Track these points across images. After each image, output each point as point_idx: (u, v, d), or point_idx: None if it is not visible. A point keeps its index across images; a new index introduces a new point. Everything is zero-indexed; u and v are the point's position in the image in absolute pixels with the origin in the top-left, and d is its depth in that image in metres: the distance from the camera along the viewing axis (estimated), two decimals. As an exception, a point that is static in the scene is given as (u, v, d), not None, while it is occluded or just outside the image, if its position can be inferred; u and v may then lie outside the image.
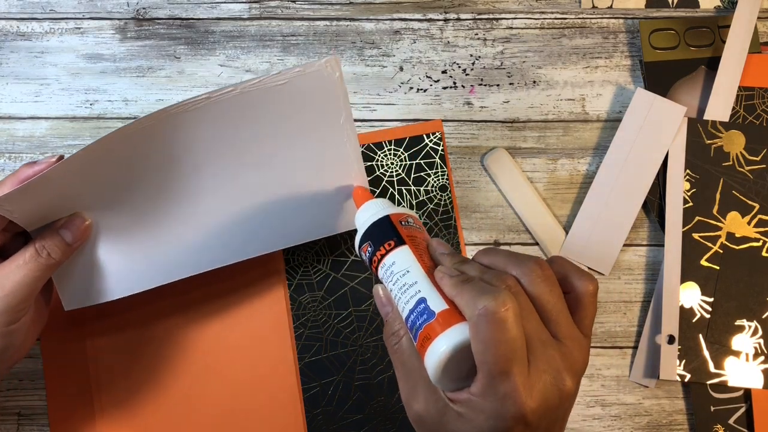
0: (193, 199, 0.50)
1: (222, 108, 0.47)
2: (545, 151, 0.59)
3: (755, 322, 0.55)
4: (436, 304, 0.38)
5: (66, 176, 0.45)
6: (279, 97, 0.48)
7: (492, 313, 0.35)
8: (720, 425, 0.55)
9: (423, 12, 0.60)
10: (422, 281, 0.40)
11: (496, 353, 0.35)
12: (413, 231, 0.43)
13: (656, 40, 0.59)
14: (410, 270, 0.41)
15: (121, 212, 0.49)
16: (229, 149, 0.49)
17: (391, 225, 0.43)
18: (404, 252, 0.42)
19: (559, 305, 0.38)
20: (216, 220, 0.51)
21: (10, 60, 0.60)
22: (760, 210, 0.56)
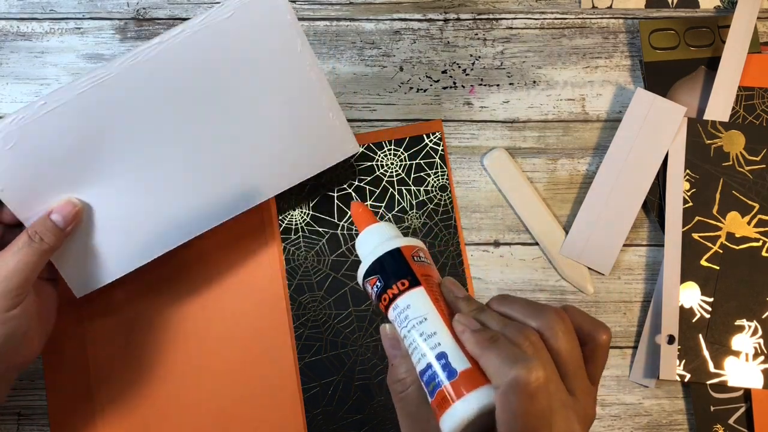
0: (170, 158, 0.49)
1: (176, 53, 0.47)
2: (545, 151, 0.59)
3: (755, 322, 0.55)
4: (458, 362, 0.36)
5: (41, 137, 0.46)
6: (229, 33, 0.47)
7: (524, 384, 0.34)
8: (720, 425, 0.55)
9: (423, 12, 0.60)
10: (442, 333, 0.37)
11: (525, 425, 0.34)
12: (426, 268, 0.40)
13: (656, 40, 0.59)
14: (428, 318, 0.37)
15: (107, 186, 0.49)
16: (193, 97, 0.49)
17: (405, 261, 0.39)
18: (420, 295, 0.38)
19: (579, 360, 0.37)
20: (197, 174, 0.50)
21: (10, 60, 0.60)
22: (760, 210, 0.56)
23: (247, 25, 0.47)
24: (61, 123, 0.46)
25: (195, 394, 0.55)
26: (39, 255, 0.46)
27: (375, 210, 0.57)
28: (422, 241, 0.43)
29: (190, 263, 0.56)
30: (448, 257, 0.57)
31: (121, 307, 0.55)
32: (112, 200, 0.49)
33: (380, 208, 0.57)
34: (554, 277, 0.57)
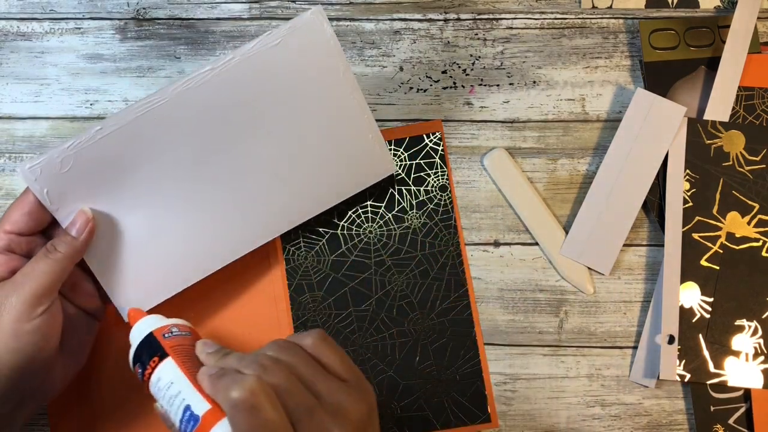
0: (216, 181, 0.50)
1: (227, 79, 0.48)
2: (545, 151, 0.59)
3: (755, 322, 0.55)
4: (200, 408, 0.40)
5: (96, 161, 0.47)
6: (277, 59, 0.49)
7: (242, 402, 0.37)
8: (720, 425, 0.55)
9: (423, 12, 0.60)
10: (186, 389, 0.41)
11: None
12: (179, 339, 0.45)
13: (656, 40, 0.59)
14: (174, 381, 0.42)
15: (157, 209, 0.50)
16: (240, 122, 0.50)
17: (155, 341, 0.45)
18: (167, 365, 0.43)
19: (311, 367, 0.40)
20: (241, 197, 0.51)
21: (10, 60, 0.60)
22: (760, 210, 0.56)
23: (294, 52, 0.49)
24: (115, 147, 0.47)
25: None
26: (54, 264, 0.46)
27: (375, 209, 0.57)
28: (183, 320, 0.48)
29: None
30: (448, 257, 0.57)
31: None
32: (161, 223, 0.50)
33: (380, 208, 0.57)
34: (554, 277, 0.57)
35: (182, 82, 0.47)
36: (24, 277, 0.45)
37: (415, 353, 0.56)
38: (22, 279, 0.45)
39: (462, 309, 0.57)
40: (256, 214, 0.52)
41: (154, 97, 0.47)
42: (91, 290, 0.51)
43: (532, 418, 0.56)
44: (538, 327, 0.57)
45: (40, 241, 0.49)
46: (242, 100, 0.49)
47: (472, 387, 0.56)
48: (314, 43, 0.49)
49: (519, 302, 0.57)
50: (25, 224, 0.47)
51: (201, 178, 0.50)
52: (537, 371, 0.56)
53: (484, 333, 0.57)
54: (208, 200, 0.51)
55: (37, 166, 0.46)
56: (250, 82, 0.49)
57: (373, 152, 0.54)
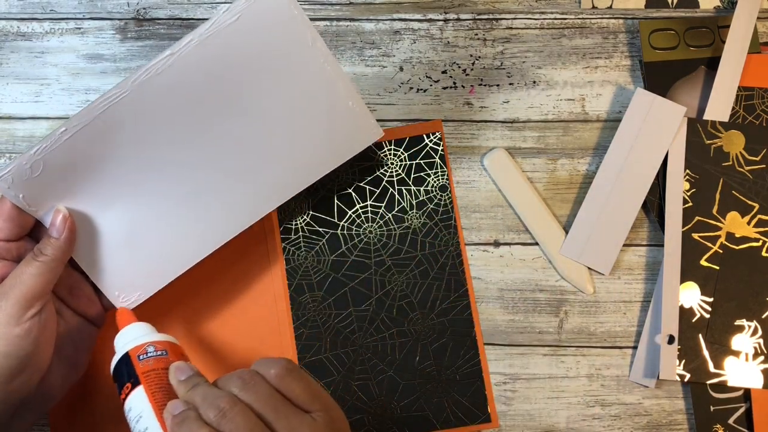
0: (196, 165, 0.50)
1: (188, 63, 0.47)
2: (545, 151, 0.59)
3: (755, 322, 0.55)
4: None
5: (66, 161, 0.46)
6: (238, 36, 0.47)
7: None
8: (720, 425, 0.55)
9: (423, 12, 0.60)
10: (153, 425, 0.42)
11: None
12: (154, 362, 0.44)
13: (656, 40, 0.59)
14: (143, 415, 0.42)
15: (137, 201, 0.49)
16: (211, 104, 0.49)
17: (129, 363, 0.45)
18: (138, 394, 0.43)
19: (271, 404, 0.40)
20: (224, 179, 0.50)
21: (10, 60, 0.60)
22: (760, 210, 0.56)
23: (256, 26, 0.47)
24: (83, 146, 0.47)
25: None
26: (40, 266, 0.45)
27: (375, 209, 0.57)
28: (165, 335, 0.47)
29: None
30: (448, 257, 0.57)
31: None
32: (144, 213, 0.49)
33: (380, 208, 0.57)
34: (554, 277, 0.57)
35: (142, 72, 0.46)
36: (13, 281, 0.45)
37: (415, 353, 0.56)
38: (11, 283, 0.45)
39: (462, 309, 0.57)
40: (241, 195, 0.51)
41: (113, 91, 0.46)
42: (91, 294, 0.51)
43: (532, 418, 0.56)
44: (538, 327, 0.57)
45: (29, 245, 0.48)
46: (209, 81, 0.48)
47: (472, 387, 0.56)
48: (276, 16, 0.47)
49: (519, 302, 0.57)
50: (9, 230, 0.47)
51: (178, 164, 0.49)
52: (537, 371, 0.56)
53: (484, 333, 0.57)
54: (190, 185, 0.50)
55: (7, 175, 0.45)
56: (214, 62, 0.47)
57: (356, 118, 0.52)
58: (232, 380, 0.41)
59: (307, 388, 0.42)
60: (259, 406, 0.40)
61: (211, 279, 0.56)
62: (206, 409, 0.40)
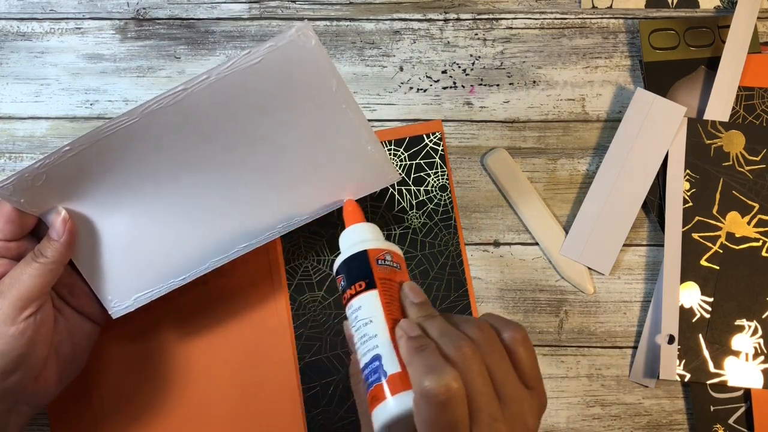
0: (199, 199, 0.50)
1: (200, 98, 0.46)
2: (545, 151, 0.59)
3: (755, 322, 0.55)
4: (390, 365, 0.39)
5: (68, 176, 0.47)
6: (258, 77, 0.47)
7: (433, 395, 0.35)
8: (720, 425, 0.55)
9: (423, 12, 0.60)
10: (382, 336, 0.40)
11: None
12: (389, 272, 0.43)
13: (656, 40, 0.59)
14: (373, 320, 0.40)
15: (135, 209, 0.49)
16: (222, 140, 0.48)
17: (367, 263, 0.43)
18: (372, 298, 0.41)
19: (503, 366, 0.38)
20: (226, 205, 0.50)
21: (10, 60, 0.60)
22: (760, 210, 0.56)
23: (277, 69, 0.47)
24: (86, 163, 0.47)
25: (194, 393, 0.55)
26: (38, 267, 0.46)
27: (375, 209, 0.57)
28: (398, 246, 0.45)
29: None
30: (448, 257, 0.57)
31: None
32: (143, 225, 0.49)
33: (380, 208, 0.57)
34: (554, 277, 0.57)
35: (153, 101, 0.46)
36: (11, 281, 0.45)
37: (415, 353, 0.56)
38: (9, 282, 0.45)
39: (462, 309, 0.57)
40: (243, 220, 0.51)
41: (122, 117, 0.46)
42: (91, 293, 0.51)
43: (532, 418, 0.56)
44: (538, 327, 0.57)
45: (30, 244, 0.48)
46: (223, 115, 0.48)
47: (472, 387, 0.56)
48: (300, 60, 0.47)
49: (519, 302, 0.57)
50: (10, 231, 0.47)
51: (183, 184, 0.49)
52: (537, 371, 0.56)
53: (484, 333, 0.57)
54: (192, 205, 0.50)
55: (8, 184, 0.46)
56: (228, 98, 0.47)
57: (374, 163, 0.52)
58: (468, 325, 0.39)
59: (535, 364, 0.40)
60: (492, 364, 0.38)
61: (211, 277, 0.56)
62: (446, 345, 0.38)
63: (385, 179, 0.52)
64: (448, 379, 0.36)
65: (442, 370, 0.36)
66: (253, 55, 0.46)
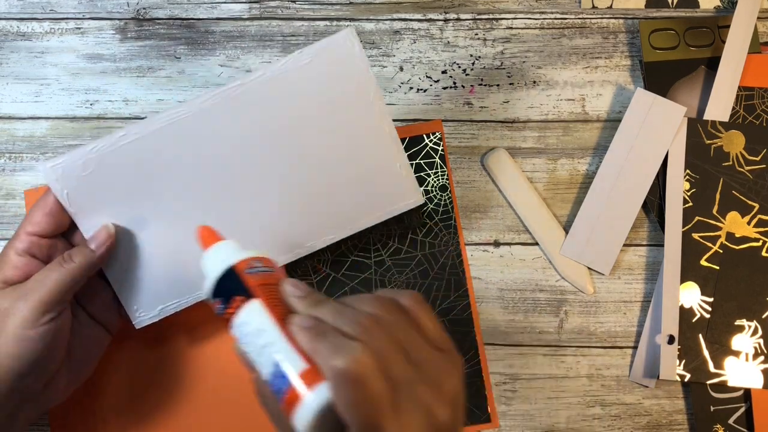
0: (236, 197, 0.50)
1: (254, 95, 0.48)
2: (545, 151, 0.59)
3: (755, 322, 0.55)
4: (295, 364, 0.36)
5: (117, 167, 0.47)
6: (306, 78, 0.48)
7: (347, 373, 0.34)
8: (720, 425, 0.55)
9: (423, 12, 0.60)
10: (278, 341, 0.37)
11: (359, 413, 0.34)
12: (264, 277, 0.40)
13: (656, 40, 0.59)
14: (263, 329, 0.38)
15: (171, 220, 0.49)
16: (265, 139, 0.49)
17: (237, 277, 0.40)
18: (254, 308, 0.39)
19: (410, 332, 0.37)
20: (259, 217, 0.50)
21: (10, 60, 0.60)
22: (760, 210, 0.56)
23: (324, 72, 0.48)
24: (137, 155, 0.47)
25: (194, 393, 0.55)
26: (66, 273, 0.45)
27: (375, 210, 0.57)
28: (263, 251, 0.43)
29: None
30: (448, 257, 0.57)
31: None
32: (174, 234, 0.49)
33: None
34: (554, 277, 0.57)
35: (210, 95, 0.47)
36: (35, 284, 0.45)
37: (415, 353, 0.56)
38: (33, 285, 0.45)
39: (462, 309, 0.57)
40: (275, 234, 0.51)
41: (180, 108, 0.47)
42: (109, 302, 0.51)
43: (532, 418, 0.56)
44: (538, 327, 0.57)
45: (61, 245, 0.48)
46: (268, 117, 0.49)
47: (472, 387, 0.56)
48: (344, 65, 0.48)
49: (519, 302, 0.57)
50: (47, 225, 0.47)
51: (220, 193, 0.50)
52: (537, 371, 0.56)
53: (484, 333, 0.57)
54: (227, 215, 0.50)
55: (59, 166, 0.46)
56: (278, 99, 0.48)
57: (400, 180, 0.52)
58: (362, 302, 0.38)
59: (439, 327, 0.38)
60: (399, 332, 0.37)
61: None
62: (345, 325, 0.36)
63: (408, 200, 0.52)
64: (356, 353, 0.34)
65: (348, 347, 0.35)
66: (304, 55, 0.48)
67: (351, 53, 0.48)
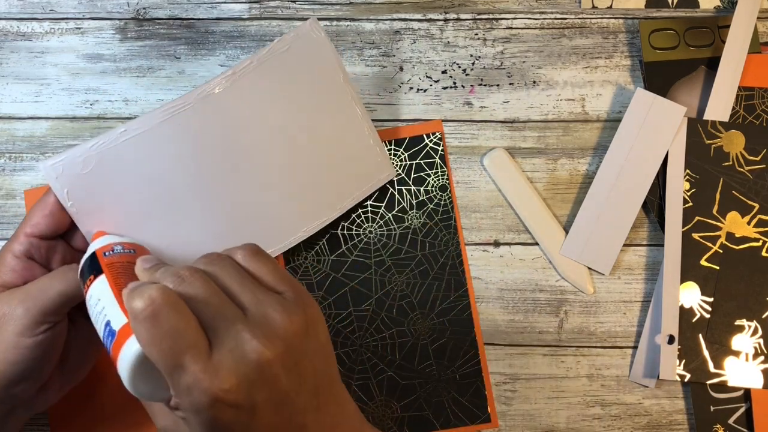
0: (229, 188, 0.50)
1: (242, 85, 0.49)
2: (545, 151, 0.59)
3: (755, 322, 0.55)
4: (117, 322, 0.38)
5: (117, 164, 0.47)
6: (284, 66, 0.50)
7: (141, 311, 0.35)
8: (720, 425, 0.55)
9: (423, 12, 0.60)
10: (109, 305, 0.40)
11: (160, 351, 0.34)
12: (119, 257, 0.43)
13: (656, 40, 0.59)
14: (101, 298, 0.40)
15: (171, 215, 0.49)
16: (253, 129, 0.50)
17: (95, 260, 0.43)
18: (99, 282, 0.41)
19: (238, 278, 0.37)
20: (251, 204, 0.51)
21: (10, 60, 0.60)
22: (760, 210, 0.56)
23: (298, 59, 0.51)
24: (136, 151, 0.47)
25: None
26: (69, 285, 0.44)
27: (375, 209, 0.57)
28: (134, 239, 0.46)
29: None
30: (448, 257, 0.57)
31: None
32: (175, 233, 0.50)
33: (380, 208, 0.57)
34: (554, 277, 0.57)
35: (204, 87, 0.48)
36: (36, 291, 0.44)
37: (415, 353, 0.56)
38: (34, 293, 0.44)
39: (462, 309, 0.57)
40: (266, 225, 0.52)
41: (177, 101, 0.47)
42: None
43: (532, 418, 0.56)
44: (538, 327, 0.57)
45: (60, 247, 0.48)
46: (257, 106, 0.50)
47: (472, 387, 0.56)
48: (314, 52, 0.51)
49: (519, 302, 0.57)
50: (46, 226, 0.46)
51: (216, 188, 0.50)
52: (537, 371, 0.56)
53: (484, 333, 0.57)
54: (225, 208, 0.50)
55: (59, 164, 0.46)
56: (262, 88, 0.50)
57: (374, 158, 0.55)
58: (197, 260, 0.39)
59: (276, 269, 0.39)
60: (224, 279, 0.37)
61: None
62: (165, 278, 0.37)
63: (381, 176, 0.55)
64: (149, 292, 0.35)
65: (143, 288, 0.35)
66: (282, 42, 0.50)
67: (318, 40, 0.51)
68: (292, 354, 0.36)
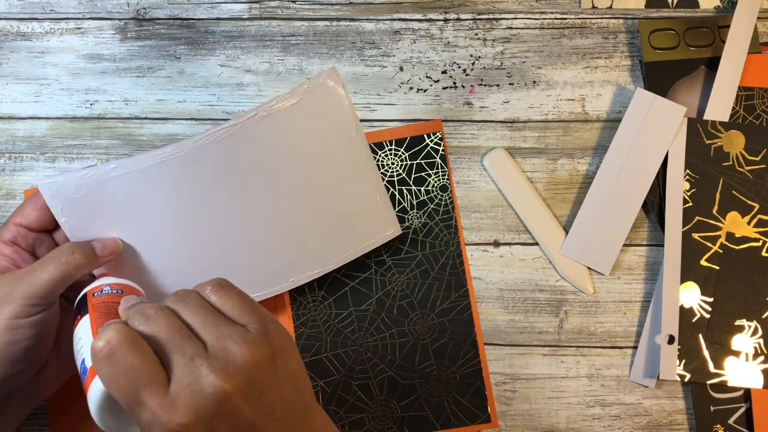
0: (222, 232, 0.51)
1: (245, 135, 0.50)
2: (545, 151, 0.59)
3: (755, 322, 0.55)
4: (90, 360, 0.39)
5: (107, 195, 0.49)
6: (294, 117, 0.50)
7: (100, 350, 0.36)
8: (720, 425, 0.55)
9: (423, 12, 0.60)
10: (87, 344, 0.41)
11: (119, 388, 0.36)
12: (107, 298, 0.44)
13: (656, 40, 0.59)
14: (82, 336, 0.43)
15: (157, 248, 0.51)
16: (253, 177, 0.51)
17: (84, 301, 0.45)
18: (83, 321, 0.43)
19: (201, 314, 0.38)
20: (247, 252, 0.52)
21: (10, 60, 0.60)
22: (760, 210, 0.56)
23: (310, 111, 0.51)
24: (125, 188, 0.49)
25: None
26: (65, 268, 0.46)
27: (375, 210, 0.57)
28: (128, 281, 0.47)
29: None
30: (448, 257, 0.57)
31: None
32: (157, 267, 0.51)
33: (380, 208, 0.57)
34: (554, 277, 0.57)
35: (202, 136, 0.49)
36: (31, 273, 0.45)
37: (415, 353, 0.56)
38: (28, 278, 0.45)
39: (462, 309, 0.57)
40: (260, 270, 0.52)
41: (171, 148, 0.49)
42: None
43: (532, 418, 0.56)
44: (538, 327, 0.57)
45: (47, 242, 0.50)
46: (258, 155, 0.50)
47: (472, 387, 0.56)
48: (329, 104, 0.51)
49: (519, 302, 0.57)
50: (35, 219, 0.49)
51: (207, 229, 0.51)
52: (537, 371, 0.56)
53: (484, 333, 0.57)
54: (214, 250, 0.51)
55: (54, 184, 0.48)
56: (267, 138, 0.50)
57: (379, 214, 0.54)
58: (167, 297, 0.40)
59: (242, 301, 0.39)
60: (188, 315, 0.38)
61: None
62: (133, 319, 0.38)
63: (387, 233, 0.54)
64: (108, 334, 0.36)
65: (104, 328, 0.37)
66: (293, 95, 0.50)
67: (335, 93, 0.51)
68: (256, 385, 0.37)
